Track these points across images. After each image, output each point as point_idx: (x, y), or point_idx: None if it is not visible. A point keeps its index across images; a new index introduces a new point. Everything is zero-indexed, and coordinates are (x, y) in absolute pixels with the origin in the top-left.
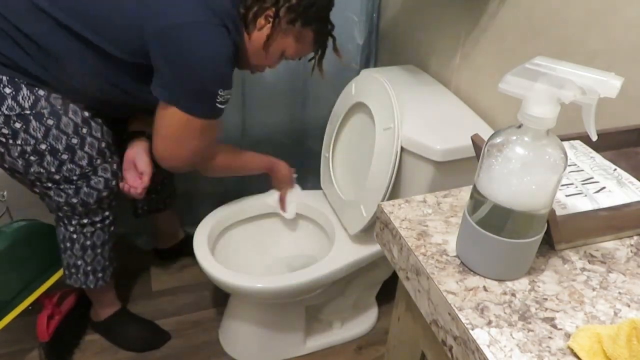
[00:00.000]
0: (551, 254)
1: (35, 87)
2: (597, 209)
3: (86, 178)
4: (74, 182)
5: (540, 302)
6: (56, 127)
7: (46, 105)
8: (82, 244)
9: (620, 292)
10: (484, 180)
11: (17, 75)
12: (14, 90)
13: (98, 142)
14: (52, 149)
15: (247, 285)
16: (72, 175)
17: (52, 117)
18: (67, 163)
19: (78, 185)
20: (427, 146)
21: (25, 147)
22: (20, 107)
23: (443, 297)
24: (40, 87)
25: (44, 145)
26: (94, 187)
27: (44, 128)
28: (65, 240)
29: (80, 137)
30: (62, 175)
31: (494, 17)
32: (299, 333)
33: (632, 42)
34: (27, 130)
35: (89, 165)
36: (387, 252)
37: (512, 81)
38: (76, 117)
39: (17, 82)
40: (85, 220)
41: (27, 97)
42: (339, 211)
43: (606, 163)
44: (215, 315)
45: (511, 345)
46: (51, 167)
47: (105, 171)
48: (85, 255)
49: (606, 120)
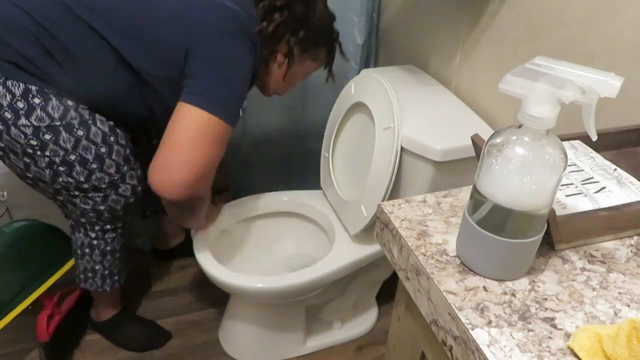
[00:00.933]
0: (551, 254)
1: (64, 97)
2: (597, 209)
3: (114, 186)
4: (102, 190)
5: (540, 302)
6: (86, 137)
7: (75, 116)
8: (103, 250)
9: (620, 292)
10: (484, 181)
11: (46, 85)
12: (43, 100)
13: (124, 150)
14: (81, 159)
15: (247, 285)
16: (101, 184)
17: (82, 127)
18: (96, 172)
19: (106, 193)
20: (427, 146)
21: (53, 158)
22: (50, 118)
23: (443, 297)
24: (68, 97)
25: (73, 155)
26: (122, 194)
27: (74, 139)
28: (84, 246)
29: (108, 145)
30: (91, 184)
31: (494, 17)
32: (299, 333)
33: (632, 42)
34: (56, 142)
35: (117, 172)
36: (387, 252)
37: (512, 81)
38: (103, 126)
39: (46, 93)
40: (109, 226)
41: (56, 108)
42: (339, 211)
43: (606, 163)
44: (215, 315)
45: (511, 345)
46: (80, 177)
47: (132, 178)
48: (105, 260)
49: (606, 120)
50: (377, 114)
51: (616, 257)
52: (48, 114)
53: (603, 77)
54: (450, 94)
